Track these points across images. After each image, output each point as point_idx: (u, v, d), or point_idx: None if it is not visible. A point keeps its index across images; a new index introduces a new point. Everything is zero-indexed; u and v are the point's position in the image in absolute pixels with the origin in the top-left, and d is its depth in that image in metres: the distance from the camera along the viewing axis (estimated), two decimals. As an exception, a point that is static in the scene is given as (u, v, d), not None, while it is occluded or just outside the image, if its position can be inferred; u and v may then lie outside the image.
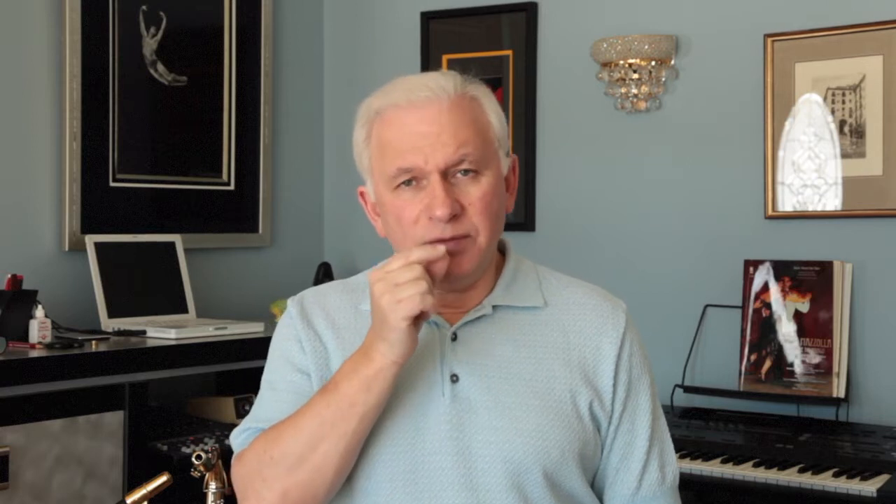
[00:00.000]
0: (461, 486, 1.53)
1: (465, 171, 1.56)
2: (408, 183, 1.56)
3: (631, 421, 1.62)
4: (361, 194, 1.68)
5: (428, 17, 4.02)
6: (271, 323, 3.60)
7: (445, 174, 1.55)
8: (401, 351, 1.49)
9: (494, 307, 1.62)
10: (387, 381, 1.50)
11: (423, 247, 1.52)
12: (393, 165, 1.56)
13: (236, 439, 1.66)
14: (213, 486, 1.85)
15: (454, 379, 1.57)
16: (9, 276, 3.05)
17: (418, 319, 1.49)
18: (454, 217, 1.54)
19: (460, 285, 1.60)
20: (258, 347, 3.25)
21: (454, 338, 1.60)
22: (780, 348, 3.29)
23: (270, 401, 1.65)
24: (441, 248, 1.51)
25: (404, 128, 1.57)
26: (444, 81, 1.59)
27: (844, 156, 3.30)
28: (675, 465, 1.68)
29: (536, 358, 1.59)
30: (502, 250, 1.69)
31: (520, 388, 1.57)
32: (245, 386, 3.34)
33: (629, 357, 1.63)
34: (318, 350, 1.63)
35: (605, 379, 1.61)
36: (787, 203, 3.39)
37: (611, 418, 1.61)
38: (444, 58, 3.96)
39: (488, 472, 1.53)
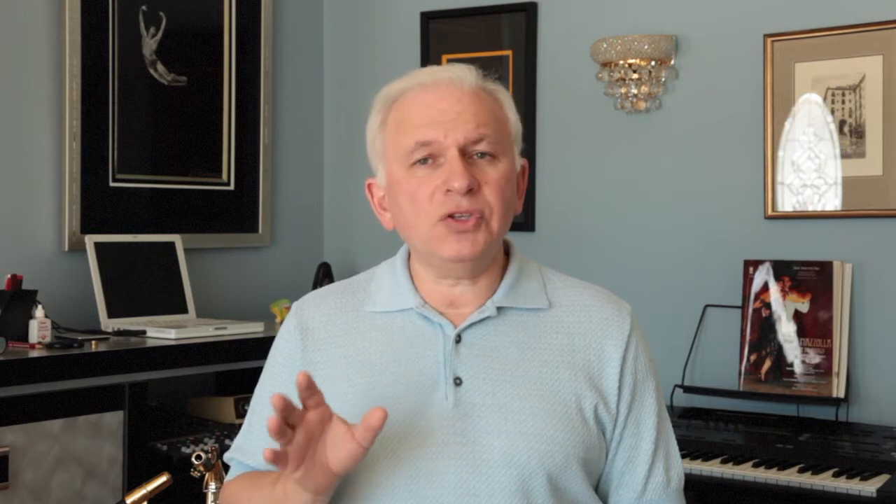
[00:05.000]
0: (463, 491, 1.50)
1: (483, 154, 1.55)
2: (423, 161, 1.54)
3: (636, 424, 1.60)
4: (369, 187, 1.66)
5: (428, 17, 4.02)
6: (271, 323, 3.60)
7: (463, 152, 1.53)
8: (312, 489, 1.46)
9: (499, 309, 1.59)
10: None
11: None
12: (411, 139, 1.54)
13: (229, 462, 1.71)
14: (212, 486, 1.86)
15: (457, 382, 1.55)
16: (9, 276, 3.05)
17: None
18: (470, 192, 1.52)
19: (465, 273, 1.58)
20: (258, 347, 3.26)
21: (458, 339, 1.57)
22: (779, 348, 3.29)
23: (257, 429, 1.66)
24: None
25: (426, 105, 1.55)
26: (466, 71, 1.59)
27: (844, 156, 3.30)
28: (681, 468, 1.66)
29: (541, 361, 1.57)
30: (507, 251, 1.66)
31: (524, 392, 1.54)
32: (245, 386, 3.32)
33: (634, 360, 1.61)
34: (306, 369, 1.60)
35: (610, 382, 1.59)
36: (786, 203, 3.39)
37: (616, 421, 1.59)
38: (444, 58, 3.95)
39: (491, 476, 1.51)
